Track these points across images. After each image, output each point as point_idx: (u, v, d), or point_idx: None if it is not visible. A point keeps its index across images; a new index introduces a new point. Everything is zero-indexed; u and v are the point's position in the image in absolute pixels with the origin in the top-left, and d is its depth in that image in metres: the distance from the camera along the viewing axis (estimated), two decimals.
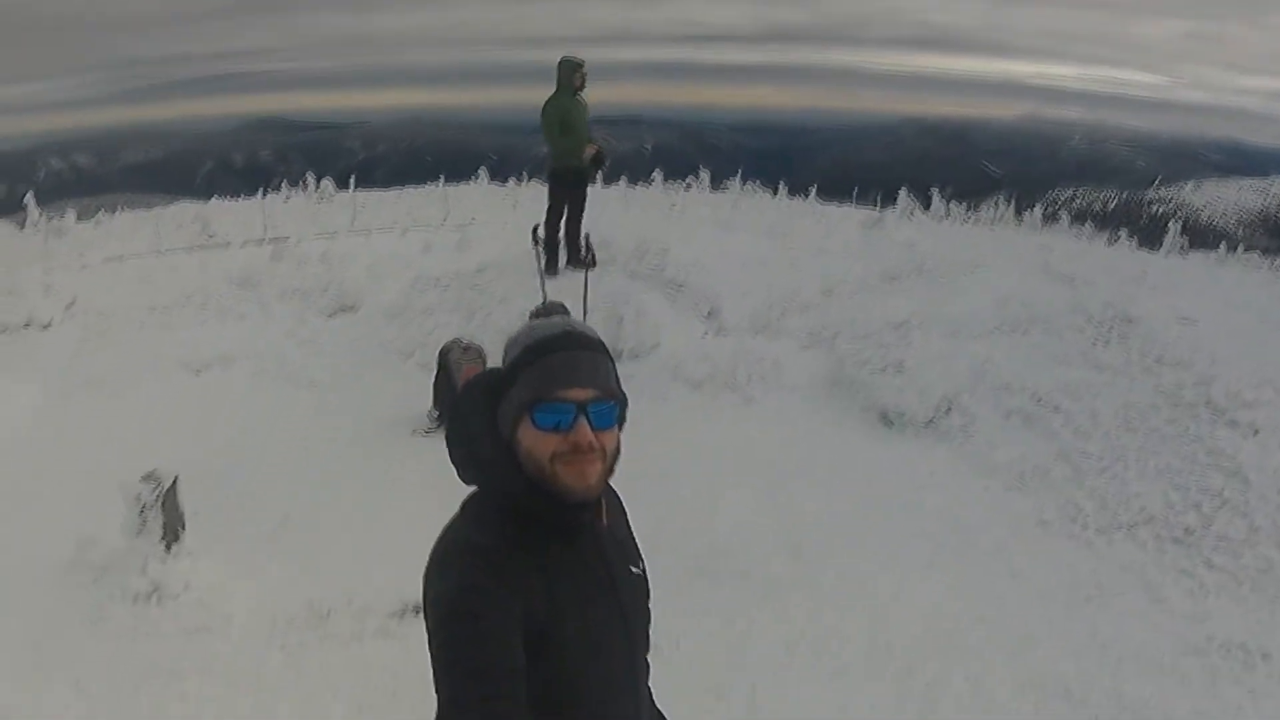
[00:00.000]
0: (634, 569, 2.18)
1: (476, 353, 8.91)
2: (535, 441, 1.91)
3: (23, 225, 19.87)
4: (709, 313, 10.80)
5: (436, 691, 1.80)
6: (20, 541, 6.86)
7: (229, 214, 20.84)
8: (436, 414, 8.89)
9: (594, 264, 10.54)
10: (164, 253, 15.17)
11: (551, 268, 10.37)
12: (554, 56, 10.35)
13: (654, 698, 2.35)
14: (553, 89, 10.38)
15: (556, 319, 2.04)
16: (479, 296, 10.84)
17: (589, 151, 10.29)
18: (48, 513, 7.37)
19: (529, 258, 11.01)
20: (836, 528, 7.06)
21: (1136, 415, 7.64)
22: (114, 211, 22.67)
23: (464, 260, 14.66)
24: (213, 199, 24.63)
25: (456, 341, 9.08)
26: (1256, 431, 7.14)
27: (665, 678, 5.09)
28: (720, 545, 6.79)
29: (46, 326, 11.63)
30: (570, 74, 10.33)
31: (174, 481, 6.25)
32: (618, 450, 2.00)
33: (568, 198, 10.48)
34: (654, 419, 9.10)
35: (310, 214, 21.08)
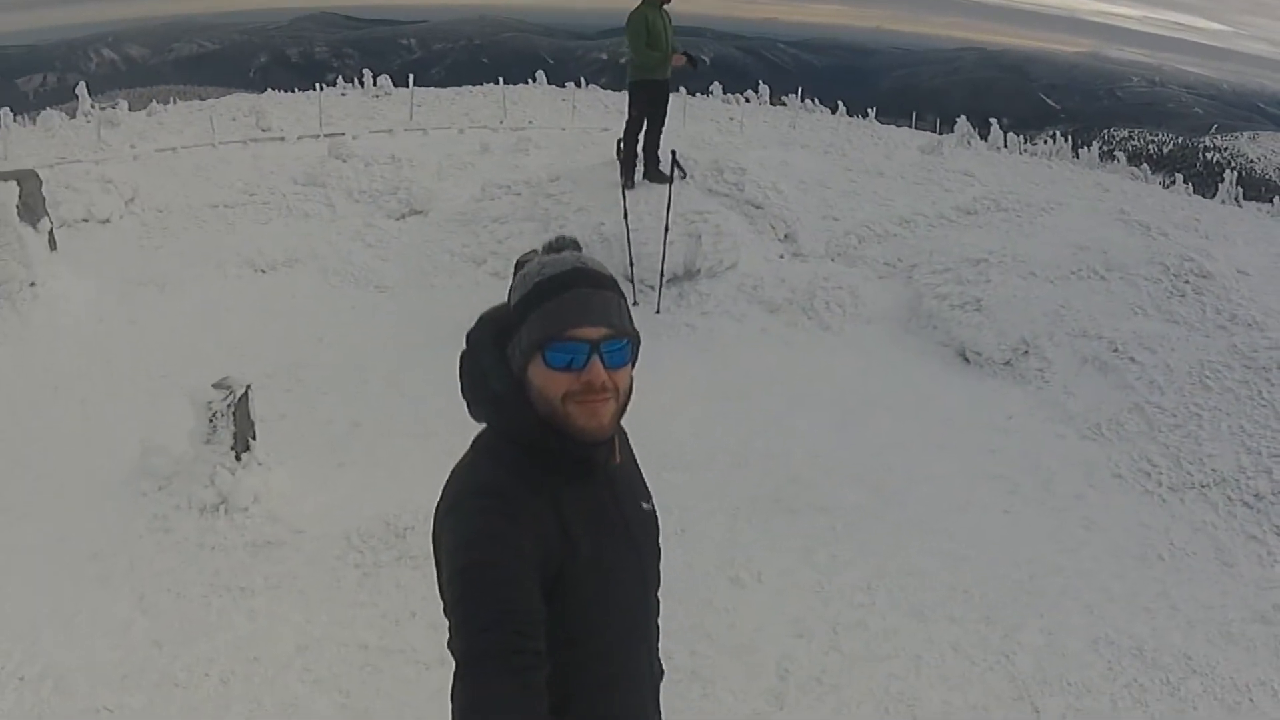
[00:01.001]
0: (644, 505, 2.16)
1: None
2: (547, 381, 1.88)
3: (74, 115, 19.49)
4: (785, 235, 10.82)
5: (450, 645, 1.76)
6: (82, 444, 6.72)
7: (284, 107, 20.52)
8: None
9: (685, 175, 10.58)
10: (218, 145, 15.05)
11: (629, 180, 10.41)
12: None
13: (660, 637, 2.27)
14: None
15: (567, 255, 2.01)
16: (554, 205, 10.73)
17: (677, 61, 10.21)
18: (111, 415, 7.20)
19: (602, 168, 11.00)
20: (914, 464, 7.17)
21: (1210, 373, 7.67)
22: (166, 103, 22.43)
23: (524, 162, 14.64)
24: (267, 92, 24.38)
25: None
26: None
27: (748, 611, 5.38)
28: (798, 475, 6.91)
29: (105, 221, 11.25)
30: None
31: (246, 390, 6.08)
32: (630, 389, 1.95)
33: (648, 111, 10.44)
34: (732, 339, 9.25)
35: (366, 110, 20.77)
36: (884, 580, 5.79)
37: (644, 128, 10.37)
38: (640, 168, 10.39)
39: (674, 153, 10.42)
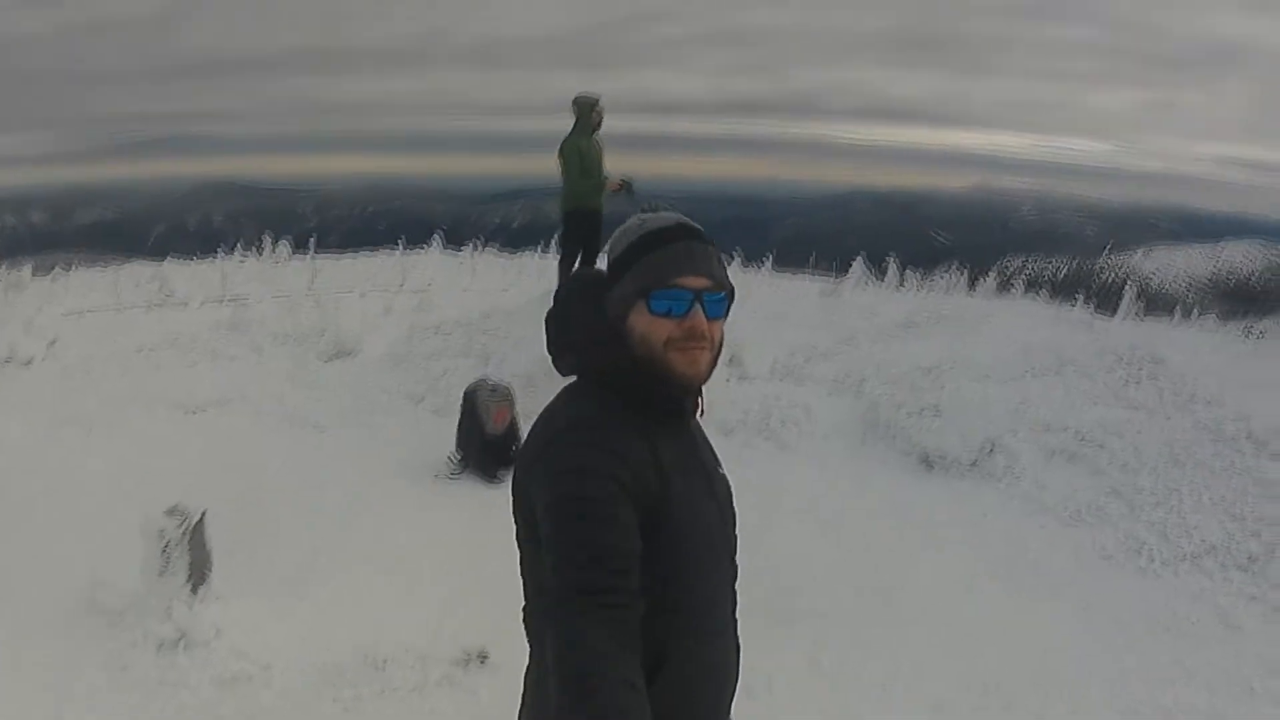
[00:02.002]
0: (719, 469, 2.29)
1: (505, 393, 8.97)
2: (650, 326, 2.00)
3: None
4: (730, 359, 11.10)
5: (552, 577, 1.82)
6: (22, 584, 6.50)
7: (186, 274, 20.80)
8: (460, 456, 8.90)
9: None
10: (124, 309, 15.12)
11: None
12: (515, 126, 10.67)
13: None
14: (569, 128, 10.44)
15: (668, 212, 2.13)
16: (492, 340, 10.95)
17: (613, 187, 10.50)
18: (51, 552, 6.98)
19: (535, 303, 11.23)
20: (901, 564, 7.29)
21: (1181, 450, 8.04)
22: (69, 269, 22.55)
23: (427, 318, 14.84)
24: (168, 259, 24.55)
25: (483, 382, 9.14)
26: None
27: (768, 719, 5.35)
28: (787, 585, 6.95)
29: (27, 363, 11.39)
30: (588, 112, 10.51)
31: (201, 517, 5.94)
32: (722, 342, 2.08)
33: (583, 241, 10.69)
34: None
35: (267, 276, 21.05)
36: (897, 678, 5.84)
37: (579, 259, 10.62)
38: None
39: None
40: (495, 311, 11.80)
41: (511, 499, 2.08)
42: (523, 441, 2.12)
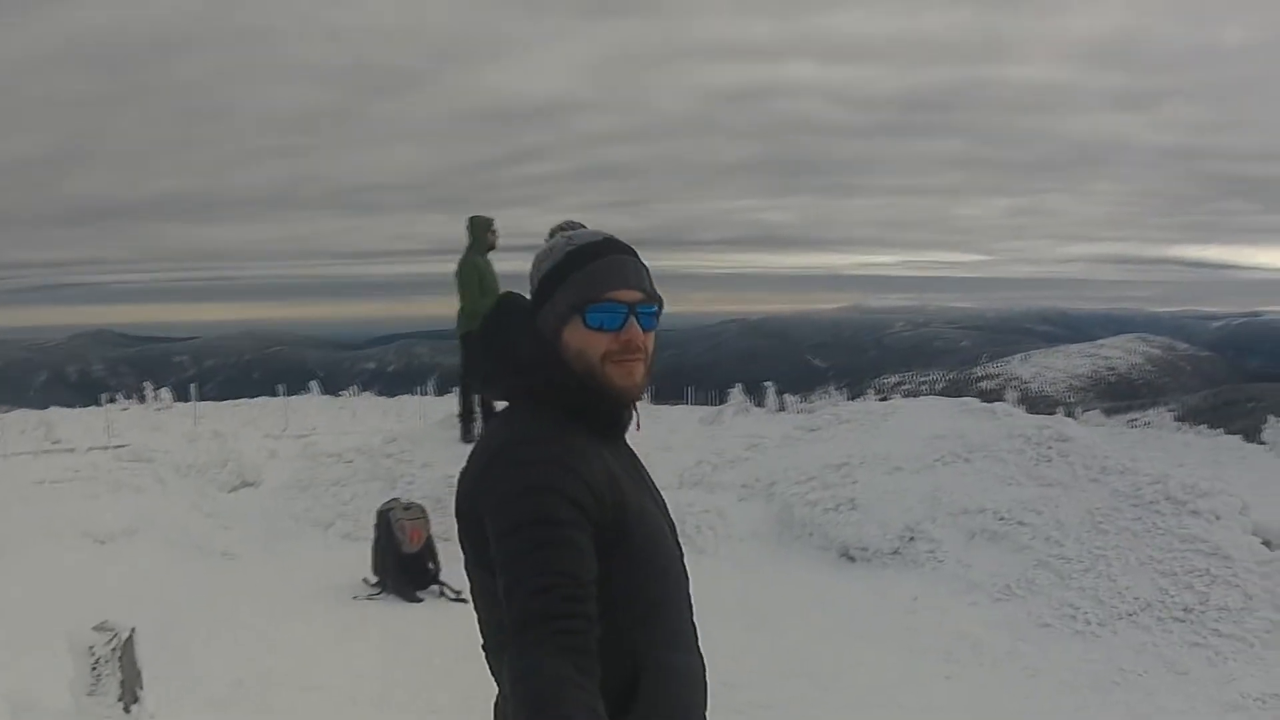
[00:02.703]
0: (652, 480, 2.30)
1: (419, 511, 8.97)
2: (586, 341, 2.04)
3: None
4: None
5: (505, 602, 1.81)
6: None
7: (71, 420, 20.47)
8: (377, 579, 8.87)
9: None
10: (10, 456, 14.74)
11: (469, 434, 10.51)
12: (386, 270, 10.74)
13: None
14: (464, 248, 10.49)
15: (592, 229, 2.18)
16: (397, 464, 10.98)
17: None
18: None
19: (435, 427, 11.23)
20: (838, 653, 7.30)
21: (1102, 518, 8.27)
22: None
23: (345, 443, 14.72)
24: (50, 407, 24.26)
25: (396, 501, 9.16)
26: (1218, 517, 7.85)
27: None
28: (727, 680, 6.82)
29: None
30: (483, 231, 10.63)
31: (130, 634, 5.80)
32: (655, 353, 2.13)
33: None
34: None
35: (151, 422, 20.81)
36: None
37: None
38: (479, 421, 10.54)
39: None
40: (400, 436, 11.75)
41: (457, 525, 2.06)
42: (465, 467, 2.09)
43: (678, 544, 2.25)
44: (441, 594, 8.72)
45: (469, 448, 6.79)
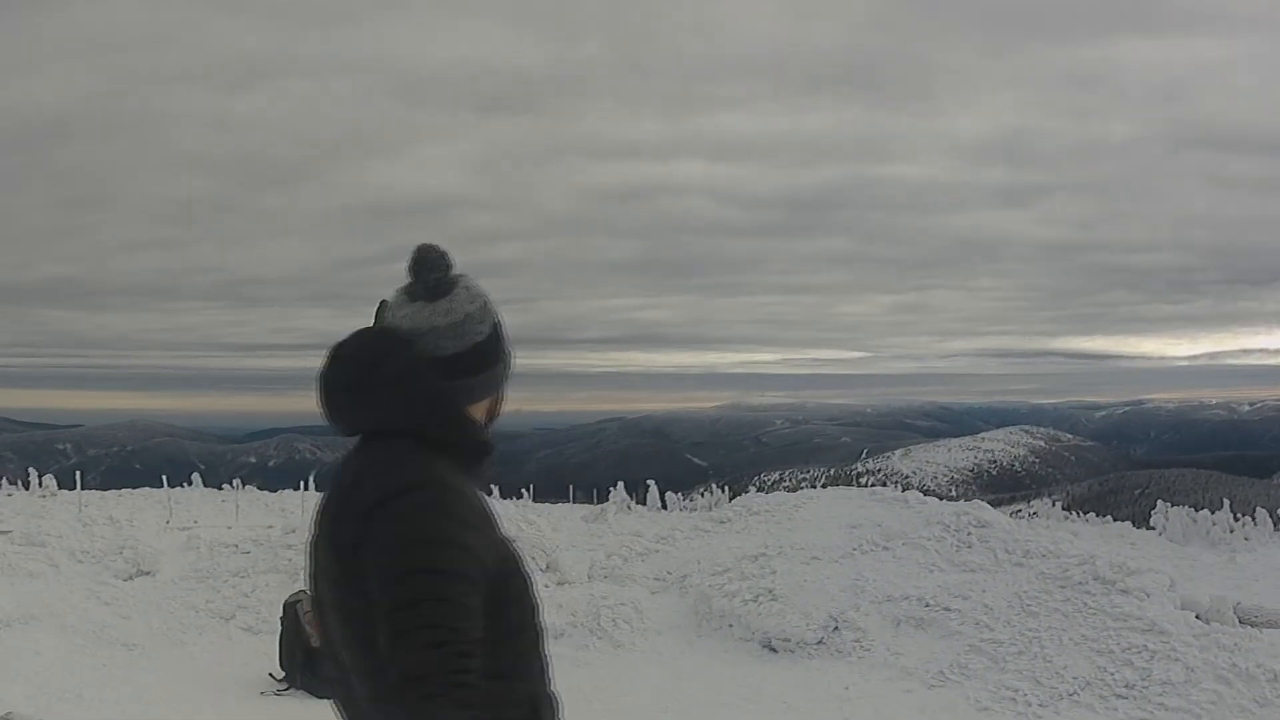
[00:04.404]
0: None
1: None
2: (497, 403, 2.26)
3: None
4: (547, 565, 11.10)
5: (391, 652, 1.82)
6: None
7: None
8: (283, 674, 8.70)
9: None
10: None
11: None
12: (264, 364, 10.79)
13: None
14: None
15: (479, 285, 2.28)
16: (298, 554, 10.75)
17: None
18: None
19: None
20: None
21: (1031, 600, 8.54)
22: None
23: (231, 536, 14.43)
24: None
25: (304, 593, 9.00)
26: (1148, 594, 8.18)
27: None
28: None
29: None
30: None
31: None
32: None
33: None
34: None
35: (35, 509, 20.23)
36: None
37: None
38: None
39: None
40: (299, 527, 11.52)
41: (320, 559, 2.08)
42: (329, 499, 2.13)
43: None
44: None
45: None
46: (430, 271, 2.17)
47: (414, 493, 1.95)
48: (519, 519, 11.85)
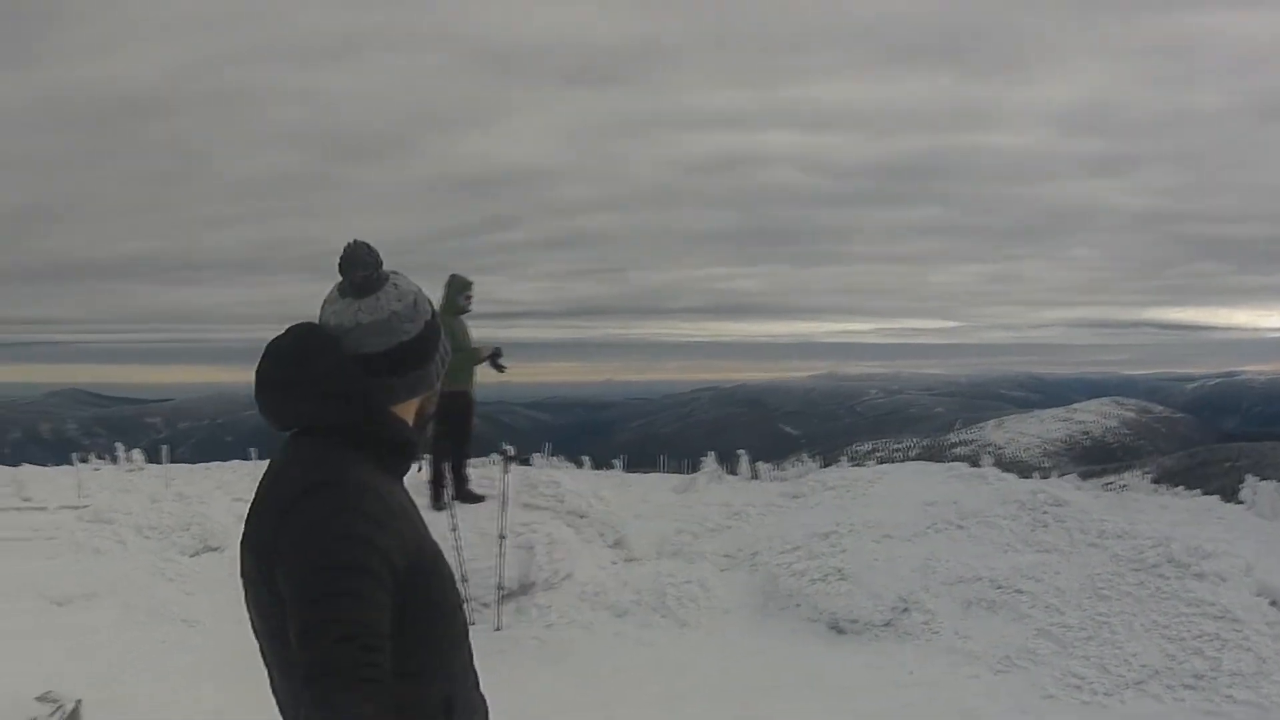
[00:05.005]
0: None
1: None
2: (429, 401, 2.40)
3: None
4: (615, 542, 11.14)
5: (299, 645, 1.87)
6: None
7: (42, 480, 20.43)
8: None
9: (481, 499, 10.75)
10: None
11: (439, 501, 10.47)
12: None
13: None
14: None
15: (412, 284, 2.35)
16: None
17: (485, 355, 10.62)
18: None
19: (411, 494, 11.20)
20: None
21: (1104, 584, 8.36)
22: None
23: None
24: (22, 465, 24.26)
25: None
26: (1224, 579, 7.97)
27: None
28: None
29: None
30: (458, 293, 10.73)
31: (76, 706, 5.81)
32: None
33: (452, 426, 10.69)
34: (585, 648, 9.26)
35: (122, 483, 20.77)
36: None
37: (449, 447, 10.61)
38: (449, 487, 10.52)
39: (505, 454, 10.75)
40: None
41: (247, 560, 2.16)
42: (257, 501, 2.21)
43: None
44: None
45: (440, 516, 6.79)
46: (356, 268, 2.20)
47: (325, 490, 2.02)
48: (590, 495, 11.81)
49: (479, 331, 10.94)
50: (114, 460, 24.94)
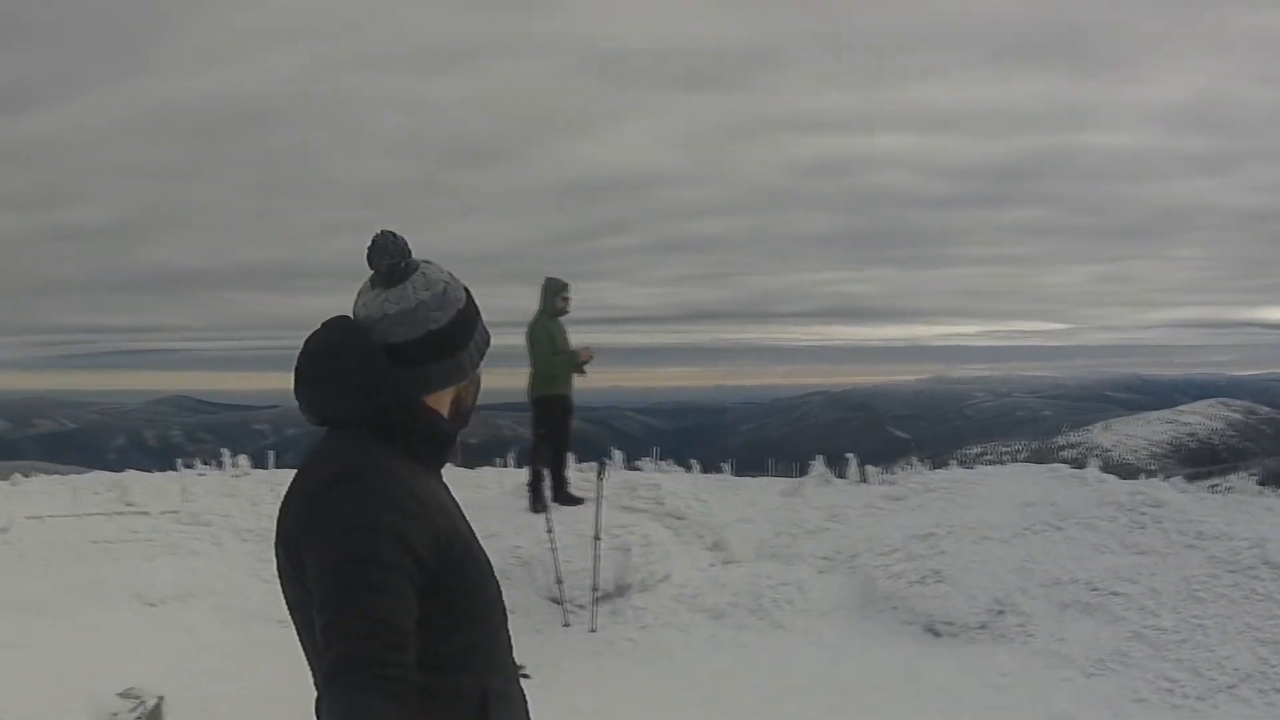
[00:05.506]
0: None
1: None
2: (468, 390, 2.40)
3: None
4: (714, 544, 11.37)
5: (323, 641, 1.90)
6: None
7: (146, 485, 20.97)
8: None
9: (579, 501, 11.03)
10: (84, 516, 15.20)
11: (539, 504, 10.75)
12: None
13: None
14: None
15: (444, 272, 2.36)
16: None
17: (585, 357, 10.92)
18: None
19: (501, 495, 11.53)
20: None
21: (1199, 586, 8.40)
22: (28, 476, 22.64)
23: None
24: (126, 471, 24.87)
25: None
26: None
27: None
28: None
29: None
30: (555, 295, 11.04)
31: (159, 703, 5.93)
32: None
33: (552, 429, 10.99)
34: (680, 650, 9.49)
35: (227, 488, 21.19)
36: None
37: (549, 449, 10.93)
38: (549, 490, 10.84)
39: (602, 462, 11.03)
40: (468, 505, 11.89)
41: (276, 559, 2.20)
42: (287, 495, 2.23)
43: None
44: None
45: (538, 518, 7.12)
46: (383, 258, 2.26)
47: (350, 482, 2.05)
48: (689, 497, 12.05)
49: (592, 337, 11.23)
50: (219, 466, 25.49)
